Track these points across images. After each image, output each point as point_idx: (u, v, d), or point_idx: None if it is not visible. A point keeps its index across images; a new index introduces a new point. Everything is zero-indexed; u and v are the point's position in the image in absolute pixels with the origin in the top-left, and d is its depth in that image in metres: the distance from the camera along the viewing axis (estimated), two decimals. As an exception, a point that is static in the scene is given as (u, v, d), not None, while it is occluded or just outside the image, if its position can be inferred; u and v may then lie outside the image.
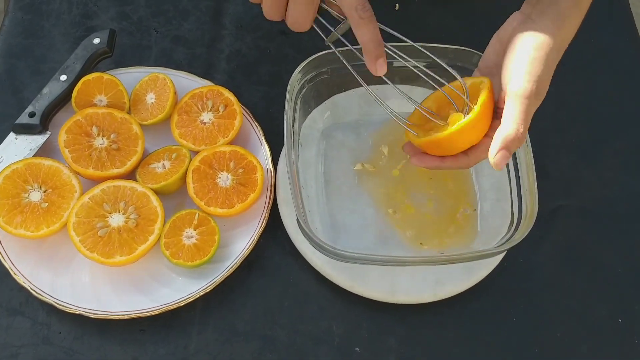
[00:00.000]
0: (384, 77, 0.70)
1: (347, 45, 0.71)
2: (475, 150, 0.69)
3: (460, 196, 0.81)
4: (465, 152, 0.70)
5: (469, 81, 0.71)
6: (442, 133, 0.68)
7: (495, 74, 0.70)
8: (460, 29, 0.93)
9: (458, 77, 0.70)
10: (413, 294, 0.75)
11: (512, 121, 0.65)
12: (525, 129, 0.65)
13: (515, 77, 0.65)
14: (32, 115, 0.80)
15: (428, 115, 0.71)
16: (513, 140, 0.64)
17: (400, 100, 0.74)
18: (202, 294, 0.73)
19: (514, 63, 0.66)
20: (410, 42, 0.70)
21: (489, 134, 0.68)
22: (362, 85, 0.72)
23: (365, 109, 0.84)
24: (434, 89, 0.73)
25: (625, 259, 0.81)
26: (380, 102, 0.72)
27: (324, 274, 0.76)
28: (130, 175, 0.79)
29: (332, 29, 0.70)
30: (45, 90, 0.81)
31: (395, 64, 0.76)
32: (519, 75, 0.65)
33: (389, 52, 0.70)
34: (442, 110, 0.73)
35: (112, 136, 0.79)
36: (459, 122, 0.68)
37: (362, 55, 0.69)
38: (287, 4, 0.69)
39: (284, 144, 0.76)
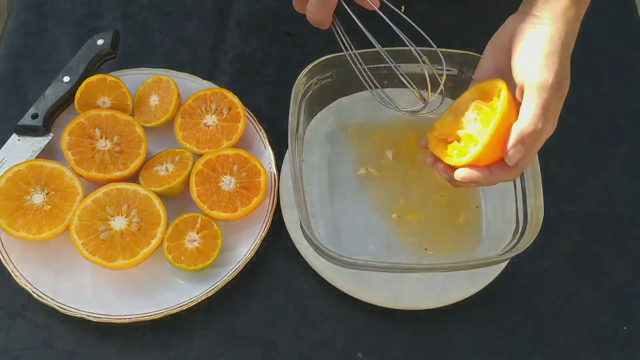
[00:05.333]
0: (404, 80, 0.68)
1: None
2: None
3: (465, 201, 0.81)
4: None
5: (483, 85, 0.69)
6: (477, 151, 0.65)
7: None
8: (466, 31, 0.93)
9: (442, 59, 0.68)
10: (417, 300, 0.75)
11: (530, 115, 0.62)
12: (544, 123, 0.62)
13: (533, 71, 0.62)
14: (34, 116, 0.80)
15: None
16: (530, 134, 0.62)
17: (405, 104, 0.73)
18: (204, 298, 0.73)
19: (528, 57, 0.63)
20: (411, 47, 0.70)
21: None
22: (366, 89, 0.72)
23: (369, 113, 0.83)
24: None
25: (630, 265, 0.80)
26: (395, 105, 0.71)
27: (326, 279, 0.76)
28: (133, 178, 0.79)
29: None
30: (48, 91, 0.81)
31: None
32: (536, 69, 0.62)
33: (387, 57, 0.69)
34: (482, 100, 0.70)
35: (115, 138, 0.78)
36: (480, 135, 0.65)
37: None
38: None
39: (287, 147, 0.75)
